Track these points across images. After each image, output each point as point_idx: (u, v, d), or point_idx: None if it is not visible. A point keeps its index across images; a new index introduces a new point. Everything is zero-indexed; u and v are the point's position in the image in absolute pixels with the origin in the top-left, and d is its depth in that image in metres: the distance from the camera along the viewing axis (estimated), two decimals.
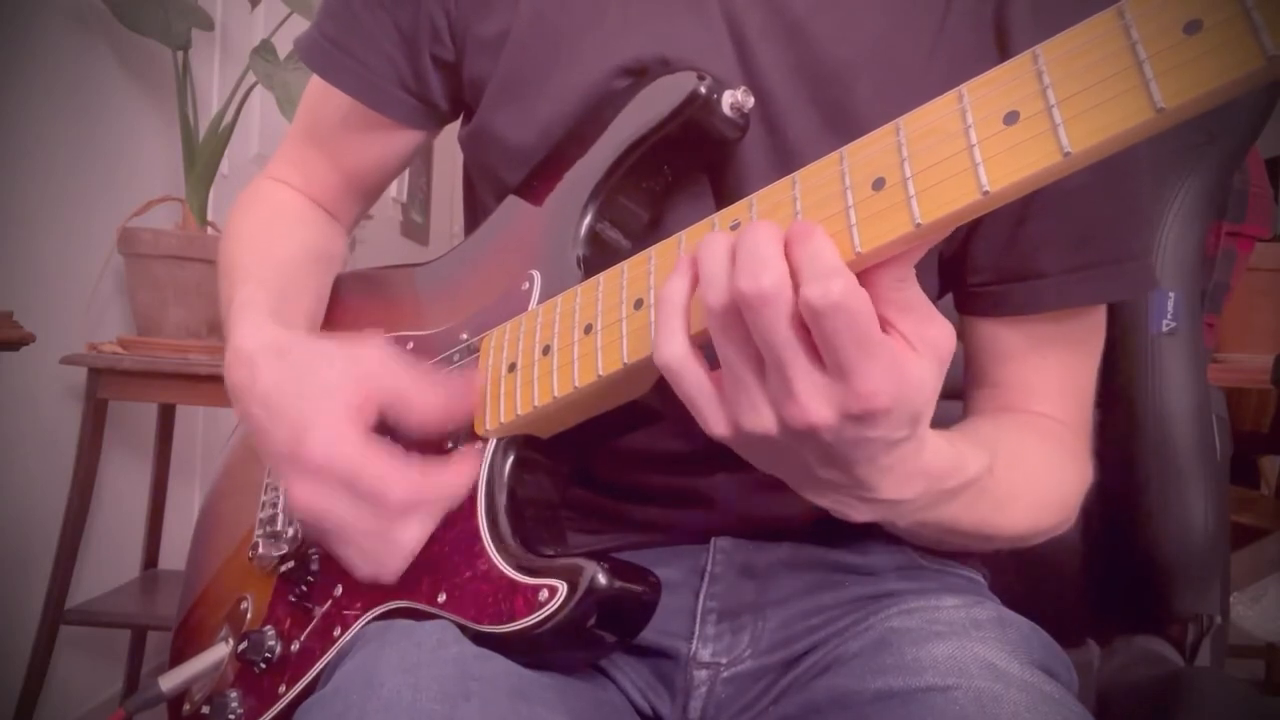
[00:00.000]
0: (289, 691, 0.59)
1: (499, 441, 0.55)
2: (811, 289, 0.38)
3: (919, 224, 0.38)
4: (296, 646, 0.60)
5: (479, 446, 0.55)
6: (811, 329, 0.39)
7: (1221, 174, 0.88)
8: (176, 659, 0.70)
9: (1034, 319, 0.62)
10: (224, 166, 1.76)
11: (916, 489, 0.46)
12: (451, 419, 0.56)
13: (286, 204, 0.77)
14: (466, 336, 0.60)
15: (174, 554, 1.84)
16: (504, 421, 0.54)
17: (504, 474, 0.55)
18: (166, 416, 1.83)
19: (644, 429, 0.57)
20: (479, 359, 0.58)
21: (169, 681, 0.63)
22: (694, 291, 0.43)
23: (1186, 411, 0.85)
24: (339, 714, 0.47)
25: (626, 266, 0.50)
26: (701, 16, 0.60)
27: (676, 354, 0.43)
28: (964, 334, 0.66)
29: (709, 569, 0.64)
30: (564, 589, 0.48)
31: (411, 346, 0.65)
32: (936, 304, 0.67)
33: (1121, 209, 0.61)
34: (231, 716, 0.61)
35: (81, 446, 1.57)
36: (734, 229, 0.45)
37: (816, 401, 0.40)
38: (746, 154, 0.59)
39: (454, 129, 0.76)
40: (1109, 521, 0.85)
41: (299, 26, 0.80)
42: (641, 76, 0.60)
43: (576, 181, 0.60)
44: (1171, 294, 0.86)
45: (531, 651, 0.51)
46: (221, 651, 0.64)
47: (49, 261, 1.58)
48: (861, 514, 0.47)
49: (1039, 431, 0.62)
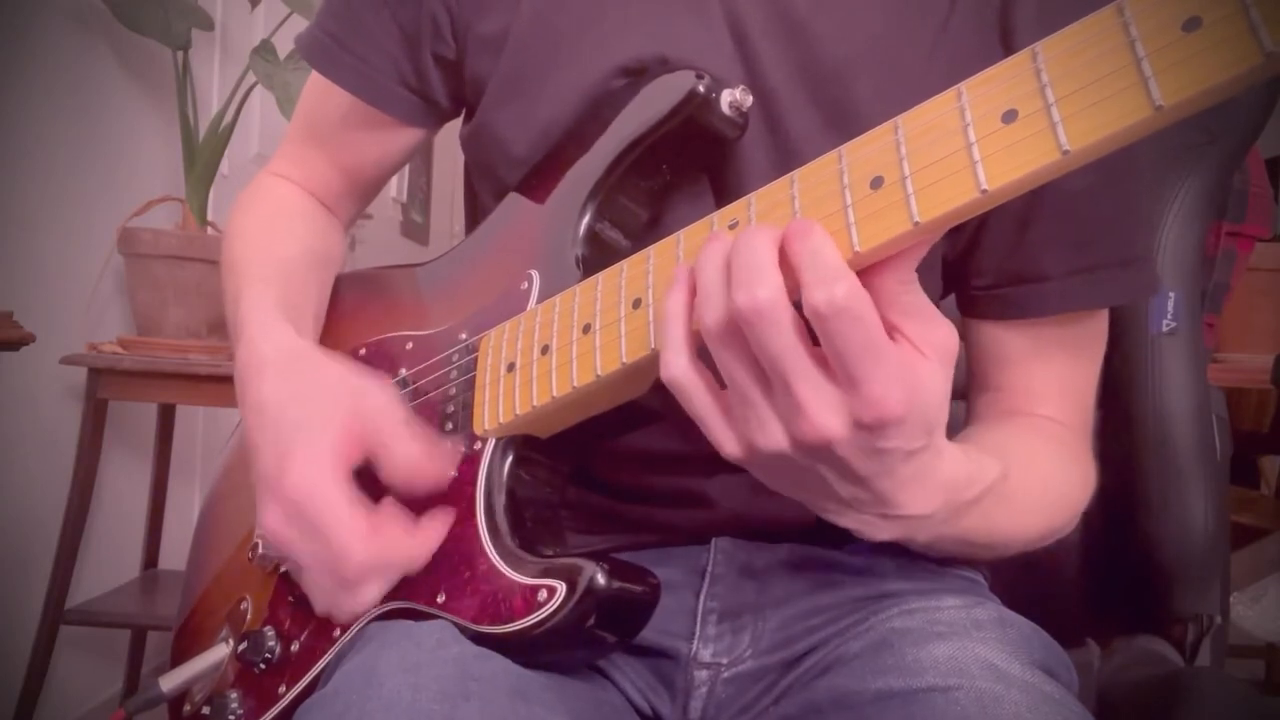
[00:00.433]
0: (289, 692, 0.59)
1: (498, 441, 0.55)
2: (817, 294, 0.38)
3: (917, 222, 0.38)
4: (296, 647, 0.60)
5: (450, 510, 0.55)
6: (818, 334, 0.39)
7: (1221, 174, 0.88)
8: (177, 659, 0.70)
9: (1037, 322, 0.62)
10: (224, 166, 1.76)
11: (938, 502, 0.46)
12: (427, 485, 0.55)
13: (288, 201, 0.77)
14: (465, 336, 0.60)
15: (174, 554, 1.84)
16: (503, 421, 0.54)
17: (503, 474, 0.55)
18: (166, 416, 1.83)
19: (644, 429, 0.57)
20: (478, 359, 0.58)
21: (169, 682, 0.63)
22: (693, 302, 0.43)
23: (1186, 411, 0.85)
24: (339, 714, 0.47)
25: (625, 266, 0.50)
26: (702, 16, 0.60)
27: (681, 370, 0.43)
28: (966, 337, 0.66)
29: (709, 569, 0.63)
30: (563, 589, 0.48)
31: (411, 346, 0.65)
32: (938, 305, 0.67)
33: (1124, 211, 0.61)
34: (231, 717, 0.61)
35: (81, 446, 1.57)
36: (732, 228, 0.45)
37: (827, 414, 0.40)
38: (746, 153, 0.59)
39: (454, 128, 0.76)
40: (1109, 521, 0.85)
41: (299, 26, 0.80)
42: (641, 76, 0.60)
43: (575, 181, 0.60)
44: (1171, 294, 0.86)
45: (531, 651, 0.50)
46: (221, 652, 0.64)
47: (49, 261, 1.58)
48: (884, 532, 0.47)
49: (1045, 435, 0.62)
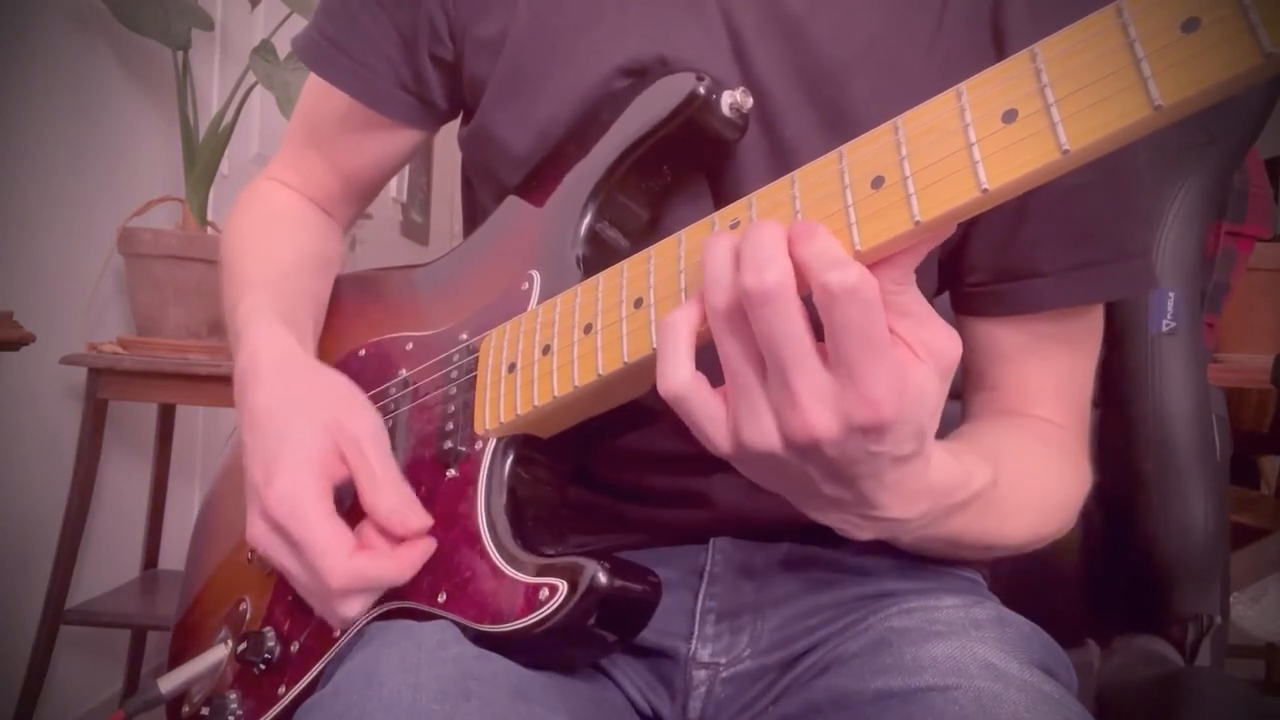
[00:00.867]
0: (289, 692, 0.59)
1: (499, 441, 0.55)
2: (830, 274, 0.38)
3: (918, 222, 0.38)
4: (296, 647, 0.60)
5: (430, 541, 0.55)
6: (824, 318, 0.39)
7: (1221, 174, 0.88)
8: (175, 660, 0.70)
9: (1032, 319, 0.62)
10: (224, 166, 1.76)
11: (922, 507, 0.46)
12: (393, 517, 0.55)
13: (285, 206, 0.77)
14: (466, 337, 0.61)
15: (174, 554, 1.84)
16: (504, 421, 0.54)
17: (504, 474, 0.55)
18: (166, 416, 1.83)
19: (644, 429, 0.57)
20: (478, 359, 0.58)
21: (168, 683, 0.63)
22: (702, 321, 0.43)
23: (1186, 411, 0.85)
24: (339, 714, 0.47)
25: (626, 266, 0.50)
26: (699, 16, 0.60)
27: (683, 380, 0.43)
28: (961, 335, 0.66)
29: (708, 569, 0.64)
30: (564, 588, 0.48)
31: (411, 347, 0.65)
32: (932, 303, 0.67)
33: (1120, 207, 0.61)
34: (231, 718, 0.61)
35: (81, 446, 1.57)
36: (734, 228, 0.45)
37: (820, 409, 0.40)
38: (744, 154, 0.59)
39: (454, 128, 0.76)
40: (1109, 521, 0.85)
41: (299, 26, 0.80)
42: (640, 77, 0.60)
43: (576, 182, 0.60)
44: (1171, 294, 0.86)
45: (532, 651, 0.51)
46: (220, 653, 0.64)
47: (49, 261, 1.58)
48: (866, 533, 0.47)
49: (1039, 437, 0.62)
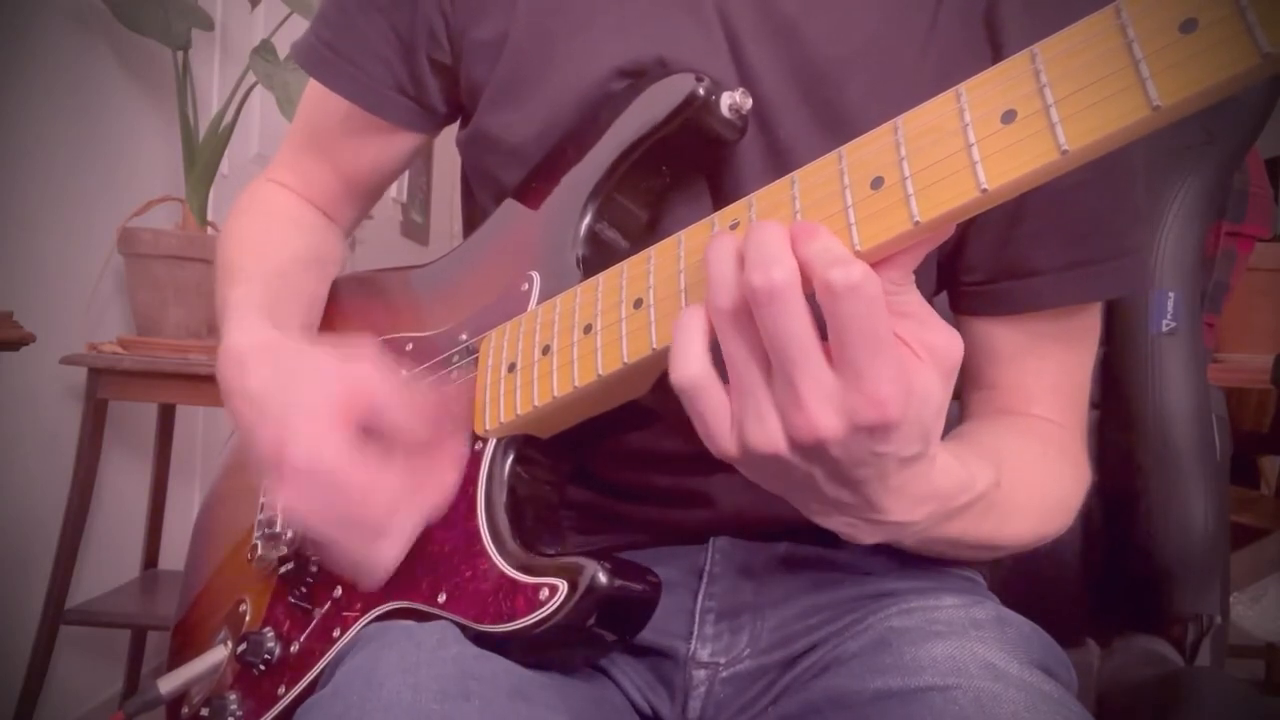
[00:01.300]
0: (288, 693, 0.59)
1: (499, 441, 0.55)
2: (834, 271, 0.38)
3: (918, 222, 0.39)
4: (296, 648, 0.60)
5: (466, 448, 0.55)
6: (827, 316, 0.39)
7: (1221, 174, 0.88)
8: (174, 661, 0.70)
9: (1030, 317, 0.62)
10: (224, 166, 1.76)
11: (927, 510, 0.46)
12: (434, 427, 0.56)
13: (284, 207, 0.77)
14: (466, 337, 0.61)
15: (174, 554, 1.84)
16: (504, 421, 0.54)
17: (504, 474, 0.55)
18: (166, 416, 1.83)
19: (644, 429, 0.57)
20: (478, 359, 0.58)
21: (167, 684, 0.63)
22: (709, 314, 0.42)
23: (1186, 411, 0.85)
24: (339, 714, 0.47)
25: (626, 266, 0.50)
26: (697, 17, 0.60)
27: (695, 371, 0.42)
28: (959, 334, 0.66)
29: (708, 568, 0.64)
30: (564, 588, 0.48)
31: (411, 348, 0.65)
32: (931, 302, 0.67)
33: (1116, 205, 0.61)
34: (230, 718, 0.61)
35: (81, 446, 1.57)
36: (733, 228, 0.45)
37: (825, 409, 0.39)
38: (742, 154, 0.59)
39: (455, 129, 0.76)
40: (1109, 521, 0.85)
41: (299, 26, 0.80)
42: (639, 77, 0.60)
43: (576, 182, 0.60)
44: (1171, 294, 0.86)
45: (532, 650, 0.51)
46: (220, 654, 0.64)
47: (49, 261, 1.58)
48: (870, 536, 0.47)
49: (1039, 437, 0.62)
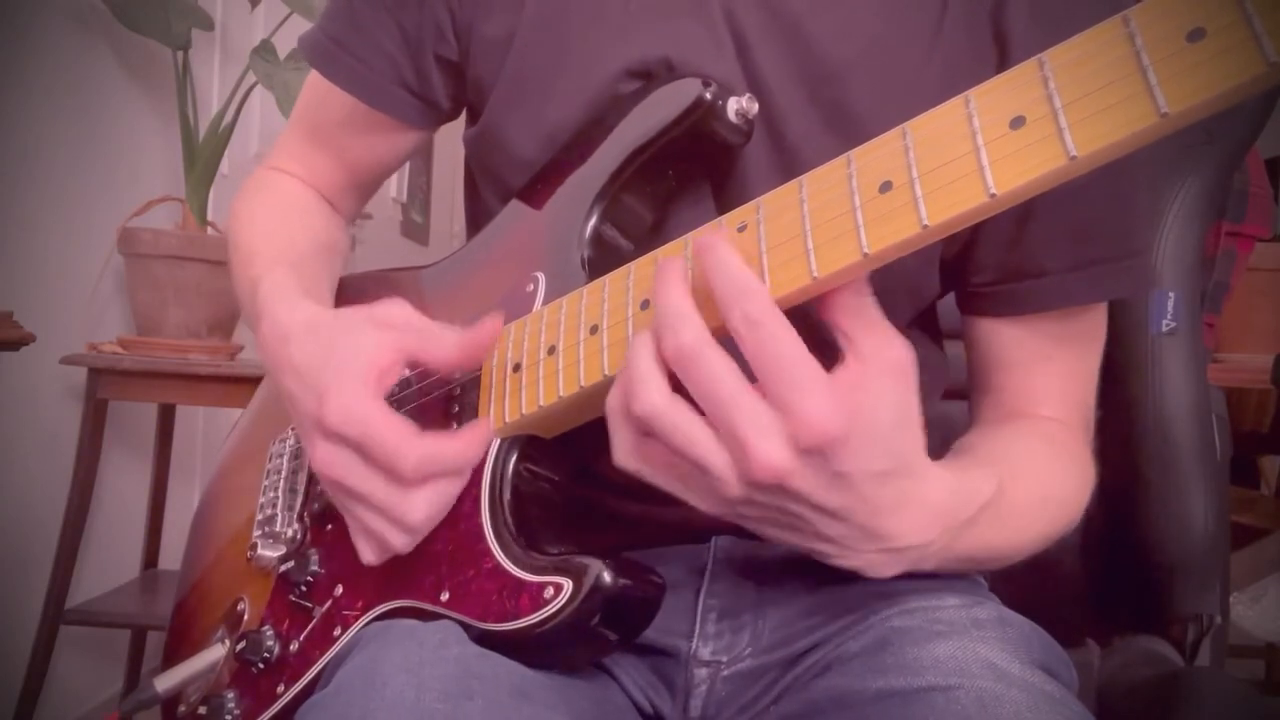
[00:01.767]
0: (287, 692, 0.59)
1: (503, 441, 0.55)
2: (733, 313, 0.41)
3: (926, 225, 0.39)
4: (295, 647, 0.60)
5: (486, 421, 0.55)
6: (744, 354, 0.41)
7: (1221, 174, 0.88)
8: (171, 660, 0.70)
9: (1037, 318, 0.62)
10: (224, 166, 1.76)
11: (936, 528, 0.46)
12: (472, 361, 0.56)
13: (293, 194, 0.77)
14: None
15: (174, 554, 1.84)
16: (509, 421, 0.54)
17: (508, 473, 0.55)
18: (166, 416, 1.83)
19: None
20: (483, 360, 0.58)
21: (164, 683, 0.63)
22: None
23: (1186, 411, 0.85)
24: (341, 713, 0.47)
25: (633, 268, 0.50)
26: (703, 18, 0.60)
27: (634, 460, 0.47)
28: (966, 336, 0.66)
29: (709, 567, 0.64)
30: (569, 587, 0.48)
31: None
32: (938, 302, 0.67)
33: (1122, 206, 0.62)
34: (229, 717, 0.61)
35: (81, 446, 1.57)
36: (741, 231, 0.45)
37: (767, 444, 0.41)
38: (747, 156, 0.60)
39: (454, 129, 0.76)
40: (1109, 521, 0.85)
41: (299, 26, 0.80)
42: (646, 79, 0.60)
43: (581, 184, 0.60)
44: (1171, 294, 0.86)
45: (535, 649, 0.51)
46: (218, 652, 0.64)
47: (49, 261, 1.58)
48: (889, 568, 0.48)
49: (1044, 438, 0.62)
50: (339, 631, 0.58)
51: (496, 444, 0.56)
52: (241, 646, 0.61)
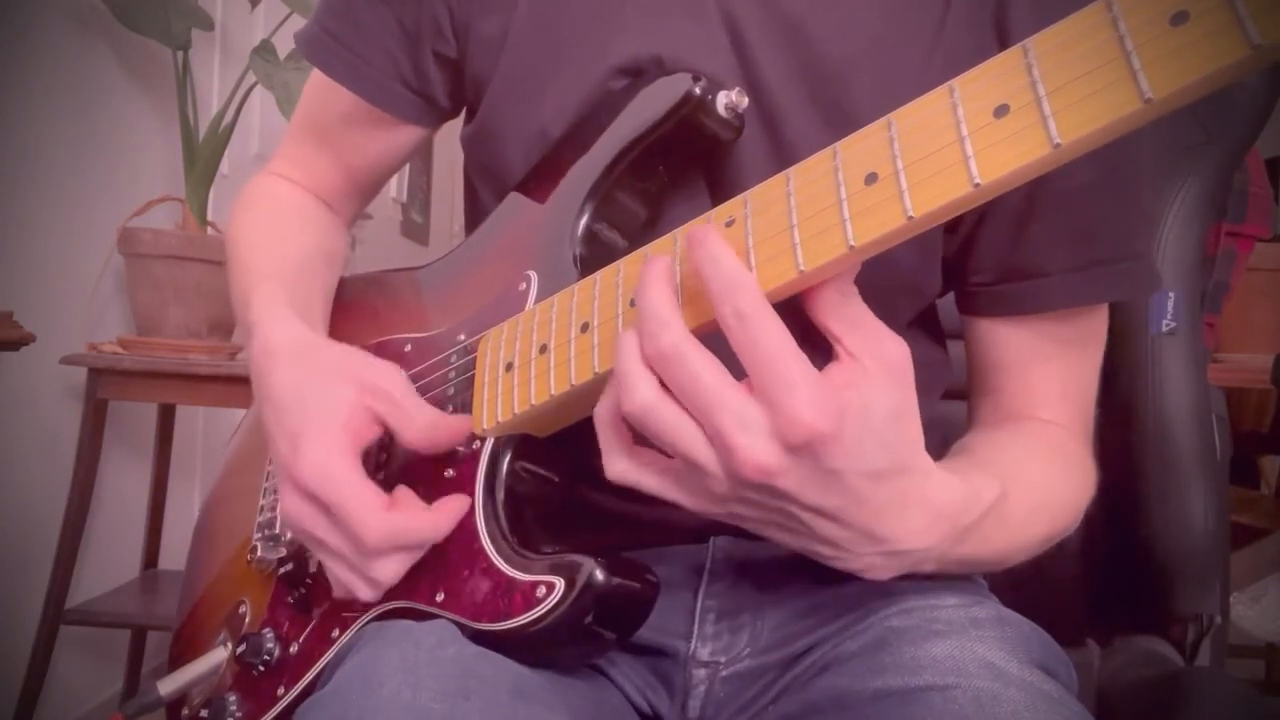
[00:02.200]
0: (288, 693, 0.59)
1: (496, 440, 0.55)
2: (723, 307, 0.41)
3: (911, 217, 0.39)
4: (295, 648, 0.60)
5: (464, 497, 0.55)
6: (734, 349, 0.41)
7: (1221, 174, 0.88)
8: (175, 663, 0.70)
9: (1037, 319, 0.62)
10: (224, 166, 1.76)
11: (938, 532, 0.46)
12: (438, 448, 0.56)
13: (291, 200, 0.77)
14: (464, 337, 0.61)
15: (174, 554, 1.84)
16: (501, 420, 0.54)
17: (501, 473, 0.55)
18: (166, 416, 1.83)
19: None
20: (476, 359, 0.58)
21: (167, 686, 0.63)
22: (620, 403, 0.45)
23: (1186, 411, 0.85)
24: (339, 714, 0.47)
25: (623, 265, 0.50)
26: (698, 16, 0.60)
27: (622, 469, 0.46)
28: (966, 337, 0.66)
29: (708, 568, 0.63)
30: (562, 586, 0.48)
31: (410, 349, 0.65)
32: (938, 301, 0.67)
33: (1125, 208, 0.61)
34: (230, 719, 0.61)
35: (81, 446, 1.57)
36: (729, 225, 0.45)
37: (756, 441, 0.41)
38: (743, 152, 0.59)
39: (453, 128, 0.76)
40: (1109, 521, 0.85)
41: (299, 27, 0.80)
42: (638, 77, 0.60)
43: (573, 182, 0.60)
44: (1171, 294, 0.86)
45: (530, 649, 0.51)
46: (220, 655, 0.64)
47: (49, 261, 1.58)
48: (888, 570, 0.47)
49: (1043, 441, 0.62)
50: (337, 633, 0.58)
51: (491, 444, 0.55)
52: (242, 649, 0.61)
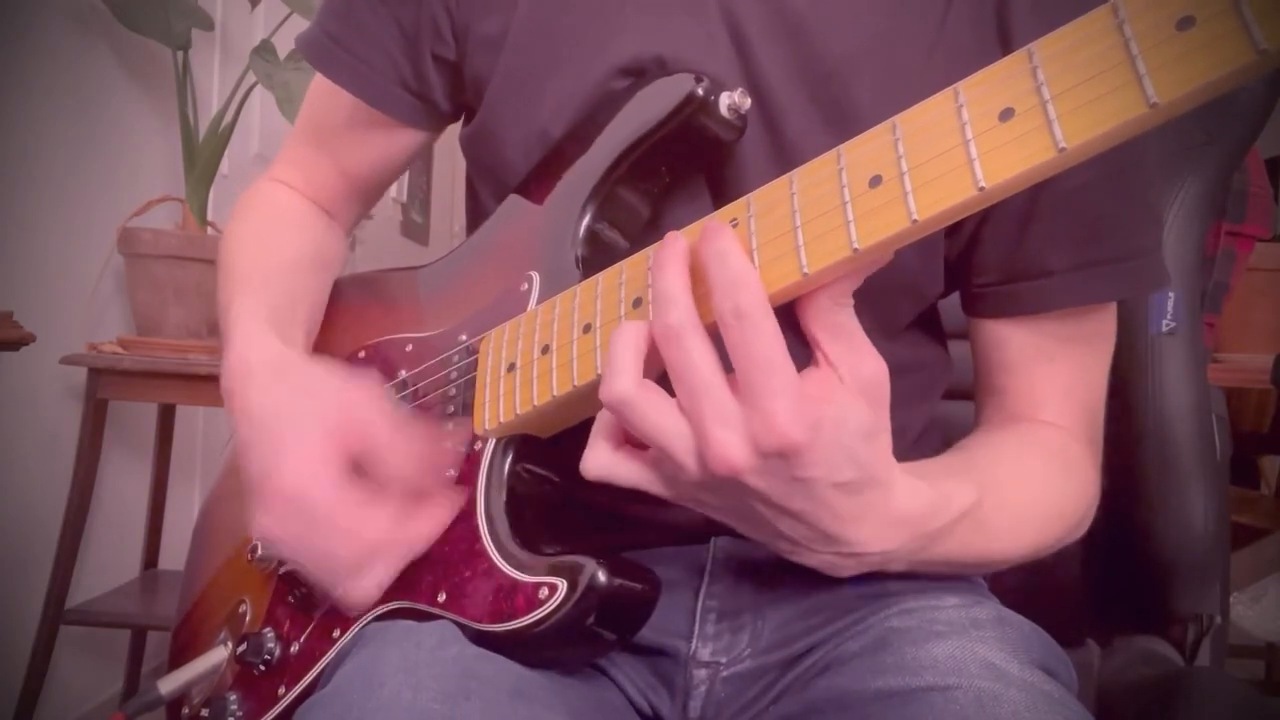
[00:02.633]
0: (289, 693, 0.59)
1: (498, 441, 0.55)
2: (724, 302, 0.41)
3: (915, 220, 0.39)
4: (296, 648, 0.60)
5: (451, 497, 0.55)
6: (726, 345, 0.41)
7: (1221, 174, 0.88)
8: (175, 662, 0.70)
9: (1041, 319, 0.62)
10: (224, 166, 1.76)
11: (900, 538, 0.47)
12: (421, 475, 0.56)
13: (286, 207, 0.77)
14: (466, 338, 0.60)
15: (174, 554, 1.84)
16: (503, 421, 0.54)
17: (503, 473, 0.55)
18: (166, 416, 1.83)
19: None
20: (478, 359, 0.58)
21: (167, 685, 0.63)
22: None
23: (1186, 411, 0.85)
24: (339, 714, 0.47)
25: (625, 266, 0.50)
26: (699, 15, 0.60)
27: (604, 463, 0.47)
28: (971, 337, 0.66)
29: (708, 568, 0.63)
30: (564, 587, 0.48)
31: (411, 348, 0.65)
32: (941, 301, 0.67)
33: (1129, 206, 0.61)
34: (231, 719, 0.61)
35: (81, 446, 1.57)
36: (733, 226, 0.45)
37: (730, 438, 0.41)
38: (745, 153, 0.59)
39: (455, 129, 0.76)
40: (1109, 521, 0.85)
41: (299, 26, 0.80)
42: (639, 77, 0.60)
43: (575, 183, 0.60)
44: (1171, 294, 0.86)
45: (532, 650, 0.51)
46: (220, 654, 0.64)
47: (49, 261, 1.58)
48: (848, 570, 0.48)
49: (1041, 445, 0.61)
50: (338, 633, 0.58)
51: (492, 444, 0.55)
52: (243, 649, 0.61)
